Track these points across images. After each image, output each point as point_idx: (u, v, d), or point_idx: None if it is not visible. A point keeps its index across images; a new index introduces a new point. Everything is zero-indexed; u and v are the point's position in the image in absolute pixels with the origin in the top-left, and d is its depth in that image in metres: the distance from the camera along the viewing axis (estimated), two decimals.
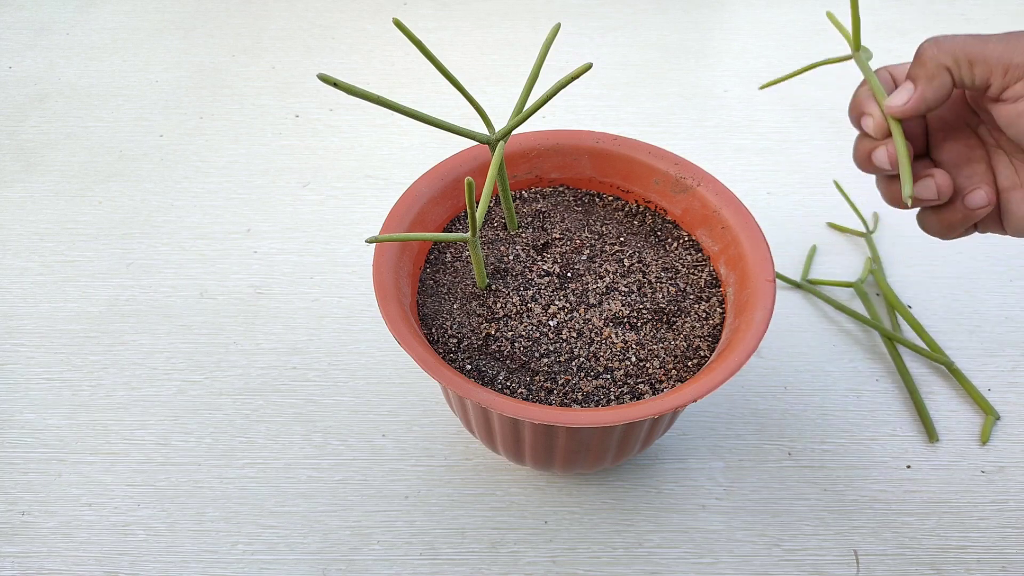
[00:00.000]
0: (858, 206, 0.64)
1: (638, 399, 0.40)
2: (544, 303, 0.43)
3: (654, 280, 0.45)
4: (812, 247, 0.63)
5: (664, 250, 0.47)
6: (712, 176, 0.47)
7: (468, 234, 0.40)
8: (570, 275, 0.45)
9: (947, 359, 0.55)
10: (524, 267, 0.45)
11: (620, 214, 0.49)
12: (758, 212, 0.44)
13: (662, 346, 0.42)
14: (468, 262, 0.46)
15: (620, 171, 0.49)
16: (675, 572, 0.46)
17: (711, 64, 0.82)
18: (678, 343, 0.42)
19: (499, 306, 0.43)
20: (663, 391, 0.40)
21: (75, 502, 0.49)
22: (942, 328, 0.58)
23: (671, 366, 0.41)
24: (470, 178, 0.36)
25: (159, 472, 0.51)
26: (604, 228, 0.48)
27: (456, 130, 0.40)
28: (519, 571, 0.46)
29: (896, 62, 0.41)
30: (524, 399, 0.40)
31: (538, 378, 0.41)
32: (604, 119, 0.75)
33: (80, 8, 0.88)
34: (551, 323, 0.43)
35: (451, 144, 0.49)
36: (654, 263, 0.46)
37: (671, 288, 0.45)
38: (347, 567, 0.46)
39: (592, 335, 0.42)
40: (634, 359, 0.42)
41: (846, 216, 0.65)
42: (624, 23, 0.87)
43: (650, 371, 0.41)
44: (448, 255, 0.47)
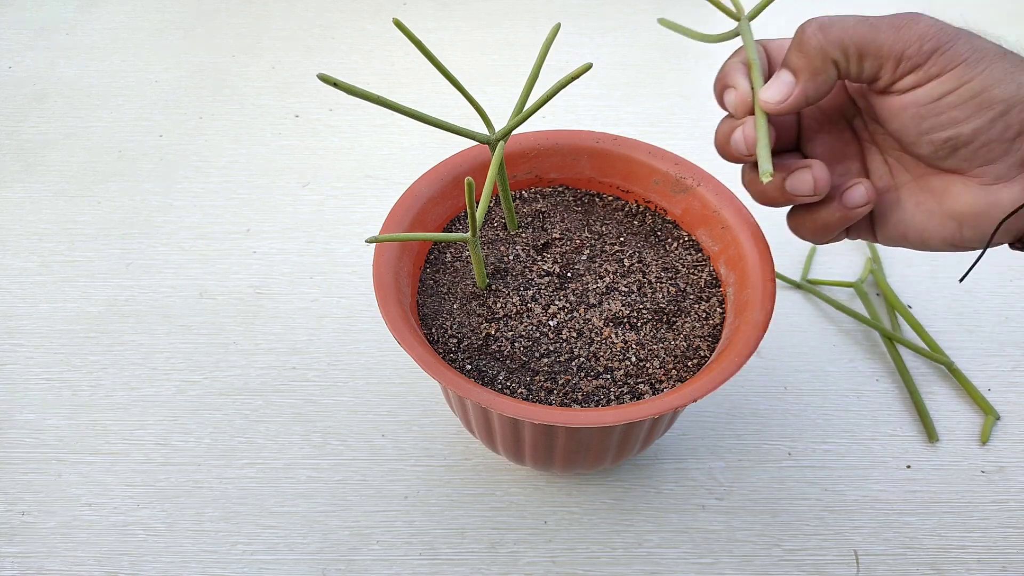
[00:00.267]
0: None
1: (638, 399, 0.40)
2: (544, 303, 0.43)
3: (654, 280, 0.45)
4: (812, 247, 0.63)
5: (664, 250, 0.47)
6: (712, 176, 0.47)
7: (468, 234, 0.40)
8: (570, 275, 0.45)
9: (947, 359, 0.55)
10: (524, 267, 0.45)
11: (620, 214, 0.49)
12: (758, 212, 0.44)
13: (662, 346, 0.42)
14: (468, 262, 0.46)
15: (620, 171, 0.49)
16: (675, 572, 0.46)
17: (711, 64, 0.82)
18: (678, 343, 0.42)
19: (499, 306, 0.43)
20: (663, 391, 0.40)
21: (75, 502, 0.49)
22: (942, 328, 0.58)
23: (671, 366, 0.41)
24: (470, 178, 0.36)
25: (159, 472, 0.51)
26: (604, 228, 0.48)
27: (456, 130, 0.40)
28: (519, 571, 0.46)
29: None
30: (524, 399, 0.40)
31: (538, 378, 0.41)
32: (604, 119, 0.75)
33: (80, 8, 0.88)
34: (551, 323, 0.43)
35: (451, 144, 0.49)
36: (654, 263, 0.46)
37: (671, 288, 0.45)
38: (347, 567, 0.46)
39: (592, 335, 0.42)
40: (634, 359, 0.41)
41: None
42: (624, 23, 0.87)
43: (650, 371, 0.41)
44: (448, 255, 0.47)
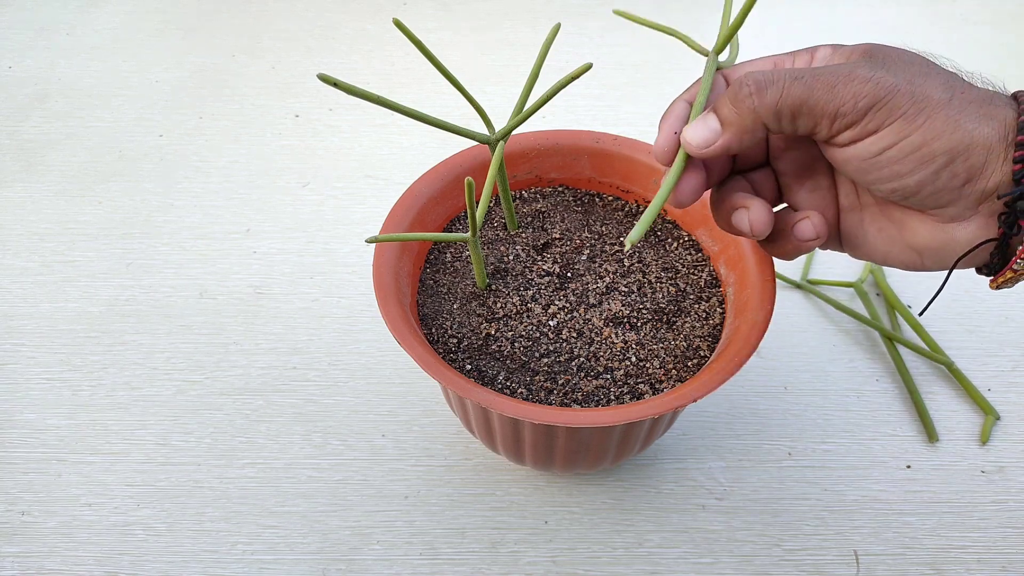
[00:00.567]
0: None
1: (638, 399, 0.40)
2: (544, 303, 0.43)
3: (654, 280, 0.45)
4: None
5: (664, 250, 0.47)
6: None
7: (468, 234, 0.40)
8: (570, 275, 0.45)
9: (947, 359, 0.55)
10: (524, 267, 0.45)
11: (620, 214, 0.49)
12: None
13: (662, 346, 0.42)
14: (468, 262, 0.46)
15: (620, 171, 0.49)
16: (675, 572, 0.46)
17: None
18: (678, 343, 0.42)
19: (499, 306, 0.43)
20: (663, 391, 0.40)
21: (75, 502, 0.49)
22: (942, 328, 0.58)
23: (671, 366, 0.41)
24: (470, 178, 0.36)
25: (159, 472, 0.51)
26: (604, 228, 0.48)
27: (456, 130, 0.40)
28: (519, 571, 0.46)
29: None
30: (524, 399, 0.40)
31: (538, 378, 0.41)
32: (604, 119, 0.75)
33: (81, 8, 0.88)
34: (551, 323, 0.43)
35: (451, 144, 0.49)
36: (654, 263, 0.46)
37: (671, 288, 0.45)
38: (347, 567, 0.46)
39: (592, 335, 0.42)
40: (634, 359, 0.41)
41: None
42: (624, 23, 0.87)
43: (650, 371, 0.41)
44: (448, 255, 0.47)
